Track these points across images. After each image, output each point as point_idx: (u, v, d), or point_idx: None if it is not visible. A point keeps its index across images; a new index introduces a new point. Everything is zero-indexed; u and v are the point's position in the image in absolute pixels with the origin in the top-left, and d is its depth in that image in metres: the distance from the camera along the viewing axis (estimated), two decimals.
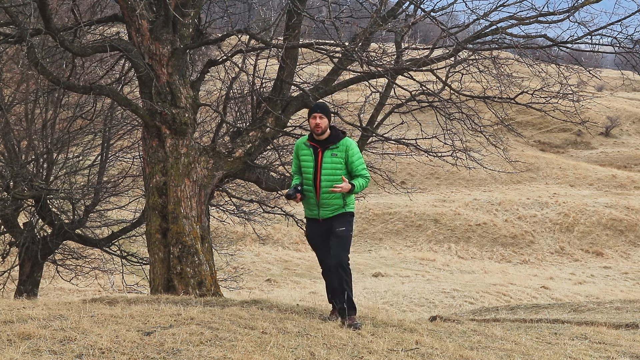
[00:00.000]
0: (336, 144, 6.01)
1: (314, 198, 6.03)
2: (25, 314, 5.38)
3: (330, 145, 6.02)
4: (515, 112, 46.50)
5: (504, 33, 9.54)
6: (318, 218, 6.06)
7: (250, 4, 11.40)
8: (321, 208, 6.02)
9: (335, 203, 5.99)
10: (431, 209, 37.72)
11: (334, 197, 5.96)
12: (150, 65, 8.63)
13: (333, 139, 6.04)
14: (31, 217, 13.60)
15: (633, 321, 7.84)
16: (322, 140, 6.04)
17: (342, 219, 6.02)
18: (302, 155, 6.13)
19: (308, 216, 6.19)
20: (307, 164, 6.09)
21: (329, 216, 6.01)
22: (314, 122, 6.00)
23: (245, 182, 13.07)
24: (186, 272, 8.69)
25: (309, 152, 6.08)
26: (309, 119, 6.08)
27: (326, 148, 6.02)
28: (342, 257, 5.93)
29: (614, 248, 35.13)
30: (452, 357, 4.87)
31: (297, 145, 6.26)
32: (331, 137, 6.05)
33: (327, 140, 6.03)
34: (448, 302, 20.41)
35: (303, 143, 6.17)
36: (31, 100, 12.92)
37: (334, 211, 6.00)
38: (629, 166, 52.44)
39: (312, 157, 6.04)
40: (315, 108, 6.08)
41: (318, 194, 6.00)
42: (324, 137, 6.03)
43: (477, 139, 11.43)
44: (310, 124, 6.04)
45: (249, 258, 28.46)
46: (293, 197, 6.01)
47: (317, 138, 6.05)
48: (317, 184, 6.00)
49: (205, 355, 4.41)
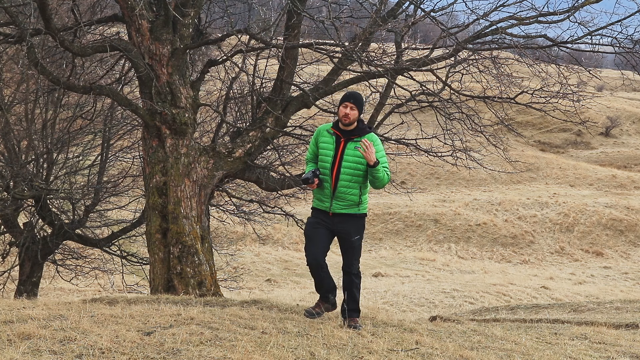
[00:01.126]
0: (361, 138, 5.69)
1: (329, 189, 5.72)
2: (25, 314, 5.38)
3: (354, 138, 5.71)
4: (515, 112, 46.48)
5: (504, 33, 9.54)
6: (328, 211, 5.75)
7: (250, 4, 11.40)
8: (335, 201, 5.72)
9: (350, 198, 5.70)
10: (431, 209, 37.72)
11: (350, 191, 5.68)
12: (150, 65, 8.63)
13: (359, 132, 5.73)
14: (31, 217, 13.60)
15: (633, 321, 7.84)
16: (347, 130, 5.74)
17: (357, 225, 5.79)
18: (322, 142, 5.80)
19: (317, 207, 5.86)
20: (326, 151, 5.76)
21: (340, 211, 5.72)
22: (344, 111, 5.68)
23: (245, 182, 13.07)
24: (186, 272, 8.69)
25: (330, 139, 5.76)
26: (339, 107, 5.77)
27: (350, 139, 5.72)
28: (356, 267, 5.84)
29: (614, 248, 35.13)
30: (452, 357, 4.87)
31: (319, 130, 5.92)
32: (357, 129, 5.74)
33: (353, 132, 5.73)
34: (448, 302, 20.41)
35: (326, 130, 5.84)
36: (31, 100, 12.92)
37: (347, 207, 5.72)
38: (629, 166, 52.45)
39: (334, 145, 5.73)
40: (348, 96, 5.74)
41: (334, 185, 5.70)
42: (350, 128, 5.73)
43: (477, 139, 11.43)
44: (340, 112, 5.72)
45: (249, 258, 28.45)
46: (311, 182, 5.65)
47: (342, 128, 5.75)
48: (334, 175, 5.70)
49: (205, 355, 4.41)
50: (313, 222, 5.84)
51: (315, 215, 5.85)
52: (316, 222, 5.82)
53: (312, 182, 5.63)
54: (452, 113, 10.85)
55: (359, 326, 5.68)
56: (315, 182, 5.66)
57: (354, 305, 5.82)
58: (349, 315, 5.79)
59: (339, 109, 5.72)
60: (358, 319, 5.83)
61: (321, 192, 5.77)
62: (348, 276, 5.82)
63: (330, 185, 5.70)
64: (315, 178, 5.65)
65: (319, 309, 6.02)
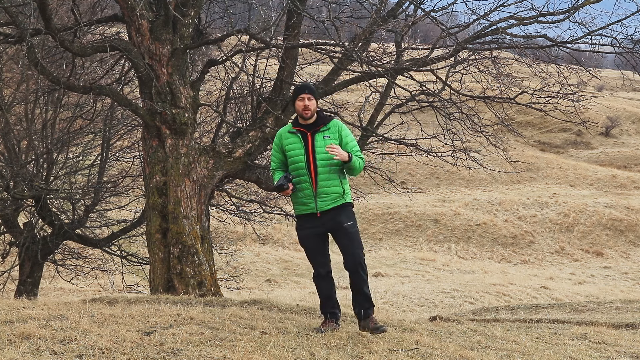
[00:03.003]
0: (327, 126, 5.43)
1: (310, 188, 5.37)
2: (25, 314, 5.38)
3: (320, 128, 5.42)
4: (515, 112, 46.48)
5: (504, 33, 9.55)
6: (315, 212, 5.38)
7: (250, 4, 11.40)
8: (319, 199, 5.36)
9: (334, 191, 5.37)
10: (431, 209, 37.72)
11: (332, 183, 5.36)
12: (150, 65, 8.63)
13: (322, 121, 5.46)
14: (31, 217, 13.61)
15: (633, 321, 7.84)
16: (309, 124, 5.43)
17: (346, 212, 5.41)
18: (288, 145, 5.46)
19: (301, 213, 5.48)
20: (295, 152, 5.42)
21: (328, 207, 5.37)
22: (302, 104, 5.39)
23: (245, 182, 13.07)
24: (186, 272, 8.69)
25: (296, 139, 5.43)
26: (294, 102, 5.47)
27: (316, 131, 5.41)
28: (360, 256, 5.35)
29: (614, 248, 35.14)
30: (452, 357, 4.87)
31: (279, 135, 5.56)
32: (319, 119, 5.47)
33: (316, 123, 5.44)
34: (448, 302, 20.41)
35: (287, 132, 5.51)
36: (31, 100, 12.93)
37: (334, 201, 5.38)
38: (629, 166, 52.45)
39: (302, 143, 5.40)
40: (302, 88, 5.49)
41: (314, 183, 5.36)
42: (311, 120, 5.44)
43: (477, 139, 11.43)
44: (298, 106, 5.43)
45: (249, 258, 28.46)
46: (285, 188, 5.31)
47: (303, 123, 5.44)
48: (312, 173, 5.37)
49: (205, 355, 4.41)
50: (306, 234, 5.49)
51: (303, 223, 5.51)
52: (307, 232, 5.47)
53: (286, 187, 5.30)
54: (452, 113, 10.86)
55: (383, 327, 5.29)
56: (290, 187, 5.33)
57: (368, 303, 5.39)
58: (365, 316, 5.38)
59: (296, 104, 5.45)
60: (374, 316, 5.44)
61: (302, 195, 5.42)
62: (354, 271, 5.36)
63: (311, 184, 5.38)
64: (288, 182, 5.33)
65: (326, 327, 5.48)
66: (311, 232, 5.44)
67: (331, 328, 5.41)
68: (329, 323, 5.47)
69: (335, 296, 5.55)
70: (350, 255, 5.33)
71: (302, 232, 5.51)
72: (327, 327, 5.41)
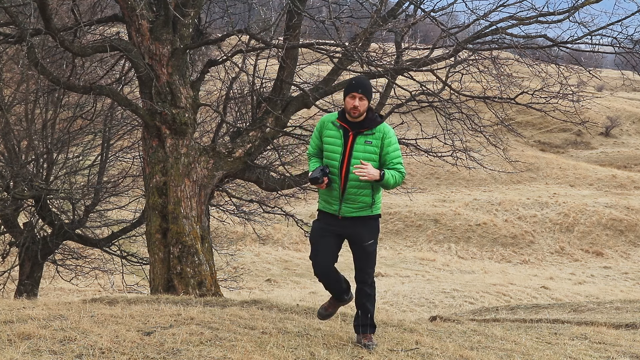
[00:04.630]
0: (372, 130, 4.93)
1: (338, 190, 4.93)
2: (25, 314, 5.38)
3: (364, 130, 4.92)
4: (515, 112, 46.51)
5: (504, 33, 9.55)
6: (337, 215, 4.98)
7: (250, 4, 11.40)
8: (344, 204, 4.95)
9: (362, 200, 4.94)
10: (431, 209, 37.71)
11: (362, 192, 4.92)
12: (150, 65, 8.63)
13: (369, 123, 4.94)
14: (31, 217, 13.61)
15: (633, 321, 7.83)
16: (355, 122, 4.95)
17: (370, 228, 5.05)
18: (328, 137, 5.00)
19: (323, 209, 5.08)
20: (333, 147, 4.97)
21: (351, 215, 4.96)
22: (352, 102, 4.89)
23: (245, 182, 13.08)
24: (186, 272, 8.69)
25: (337, 133, 4.96)
26: (345, 97, 4.97)
27: (359, 133, 4.92)
28: (371, 275, 5.07)
29: (614, 248, 35.13)
30: (452, 357, 4.87)
31: (323, 122, 5.10)
32: (367, 120, 4.95)
33: (362, 123, 4.94)
34: (448, 302, 20.41)
35: (331, 122, 5.03)
36: (31, 100, 12.93)
37: (359, 210, 4.96)
38: (629, 166, 52.45)
39: (342, 140, 4.93)
40: (355, 86, 4.92)
41: (343, 186, 4.92)
42: (359, 119, 4.95)
43: (477, 139, 11.44)
44: (347, 104, 4.92)
45: (249, 258, 28.45)
46: (320, 182, 4.85)
47: (350, 120, 4.96)
48: (342, 175, 4.91)
49: (205, 355, 4.41)
50: (319, 229, 5.08)
51: (322, 218, 5.10)
52: (323, 228, 5.05)
53: (321, 181, 4.85)
54: (452, 113, 10.86)
55: (372, 345, 4.99)
56: (325, 182, 4.87)
57: (367, 320, 5.10)
58: (362, 331, 5.09)
59: (346, 100, 4.95)
60: (373, 336, 5.11)
61: (329, 194, 5.00)
62: (361, 288, 5.07)
63: (339, 186, 4.93)
64: (324, 177, 4.86)
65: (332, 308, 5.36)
66: (327, 228, 5.04)
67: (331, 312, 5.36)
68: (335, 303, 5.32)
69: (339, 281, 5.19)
70: (361, 274, 5.06)
71: (317, 224, 5.11)
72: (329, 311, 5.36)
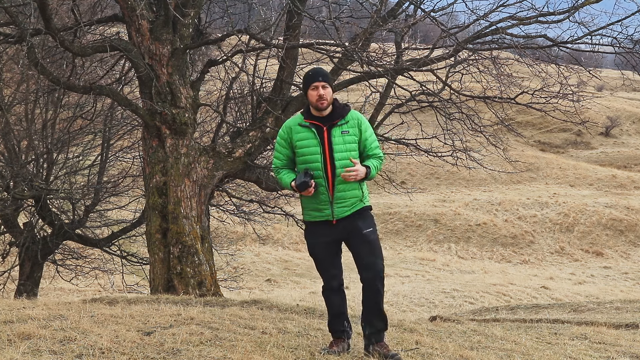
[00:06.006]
0: (345, 119, 4.58)
1: (325, 193, 4.52)
2: (25, 314, 5.38)
3: (337, 121, 4.56)
4: (515, 112, 46.48)
5: (504, 33, 9.55)
6: (331, 219, 4.56)
7: (250, 4, 11.40)
8: (336, 205, 4.53)
9: (353, 195, 4.54)
10: (431, 209, 37.72)
11: (351, 186, 4.53)
12: (150, 65, 8.63)
13: (340, 112, 4.59)
14: (31, 217, 13.61)
15: (633, 321, 7.83)
16: (324, 116, 4.57)
17: (365, 217, 4.61)
18: (300, 140, 4.58)
19: (313, 219, 4.64)
20: (309, 149, 4.55)
21: (346, 214, 4.55)
22: (316, 93, 4.53)
23: (245, 182, 13.08)
24: (186, 272, 8.69)
25: (309, 134, 4.56)
26: (306, 92, 4.60)
27: (333, 125, 4.55)
28: (381, 266, 4.57)
29: (614, 248, 35.13)
30: (452, 357, 4.87)
31: (287, 128, 4.65)
32: (336, 110, 4.59)
33: (332, 115, 4.58)
34: (448, 302, 20.41)
35: (297, 125, 4.62)
36: (31, 100, 12.94)
37: (352, 207, 4.56)
38: (629, 166, 52.45)
39: (317, 140, 4.53)
40: (315, 75, 4.57)
41: (331, 186, 4.52)
42: (327, 112, 4.57)
43: (477, 139, 11.44)
44: (311, 97, 4.56)
45: (249, 258, 28.45)
46: (308, 186, 4.47)
47: (317, 114, 4.58)
48: (329, 174, 4.52)
49: (205, 355, 4.41)
50: (315, 244, 4.67)
51: (314, 230, 4.67)
52: (319, 241, 4.65)
53: (310, 185, 4.46)
54: (452, 113, 10.87)
55: (397, 355, 4.51)
56: (312, 185, 4.48)
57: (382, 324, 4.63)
58: (377, 340, 4.60)
59: (309, 94, 4.57)
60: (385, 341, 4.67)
61: (315, 200, 4.56)
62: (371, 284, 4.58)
63: (327, 187, 4.52)
64: (312, 180, 4.49)
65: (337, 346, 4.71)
66: (323, 240, 4.63)
67: (342, 348, 4.68)
68: (339, 342, 4.72)
69: (346, 312, 4.82)
70: (369, 265, 4.55)
71: (313, 240, 4.69)
72: (339, 347, 4.68)
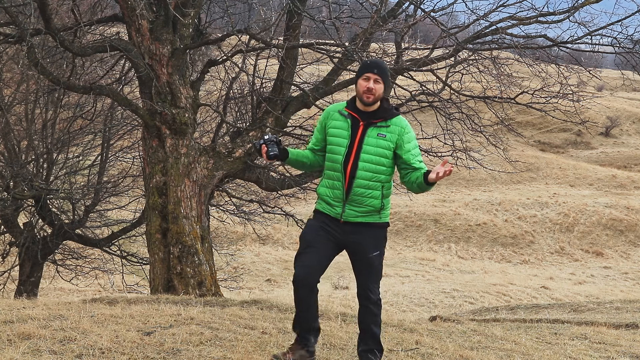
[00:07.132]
0: (387, 122, 4.19)
1: (340, 189, 4.19)
2: (25, 314, 5.38)
3: (378, 121, 4.19)
4: (515, 112, 46.45)
5: (504, 33, 9.56)
6: (339, 218, 4.23)
7: (250, 4, 11.40)
8: (348, 205, 4.19)
9: (370, 204, 4.20)
10: (431, 209, 37.71)
11: (370, 193, 4.17)
12: (150, 65, 8.63)
13: (383, 114, 4.20)
14: (31, 217, 13.61)
15: (633, 321, 7.83)
16: (367, 112, 4.22)
17: (376, 237, 4.29)
18: (333, 128, 4.25)
19: (323, 211, 4.30)
20: (338, 139, 4.21)
21: (355, 219, 4.21)
22: (366, 84, 4.14)
23: (245, 182, 13.08)
24: (186, 272, 8.69)
25: (344, 123, 4.22)
26: (357, 80, 4.22)
27: (372, 123, 4.19)
28: (376, 291, 4.35)
29: (614, 248, 35.13)
30: (452, 357, 4.87)
31: (328, 112, 4.34)
32: (381, 110, 4.21)
33: (375, 113, 4.21)
34: (448, 302, 20.42)
35: (338, 111, 4.28)
36: (31, 100, 12.95)
37: (365, 215, 4.21)
38: (629, 166, 52.45)
39: (349, 131, 4.19)
40: (370, 66, 4.18)
41: (347, 185, 4.18)
42: (372, 108, 4.21)
43: (477, 139, 11.45)
44: (359, 86, 4.17)
45: (249, 258, 28.45)
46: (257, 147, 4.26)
47: (361, 108, 4.22)
48: (347, 170, 4.17)
49: (205, 355, 4.41)
50: (314, 226, 4.30)
51: (319, 218, 4.32)
52: (319, 226, 4.28)
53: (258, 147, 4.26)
54: (452, 113, 10.87)
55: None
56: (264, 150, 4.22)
57: (374, 345, 4.32)
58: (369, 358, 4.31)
59: (358, 82, 4.20)
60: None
61: (330, 194, 4.25)
62: (365, 306, 4.32)
63: (342, 184, 4.18)
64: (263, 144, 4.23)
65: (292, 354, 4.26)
66: (323, 228, 4.26)
67: (300, 356, 4.23)
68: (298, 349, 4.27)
69: (316, 310, 4.37)
70: (364, 289, 4.33)
71: (312, 222, 4.35)
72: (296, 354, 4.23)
